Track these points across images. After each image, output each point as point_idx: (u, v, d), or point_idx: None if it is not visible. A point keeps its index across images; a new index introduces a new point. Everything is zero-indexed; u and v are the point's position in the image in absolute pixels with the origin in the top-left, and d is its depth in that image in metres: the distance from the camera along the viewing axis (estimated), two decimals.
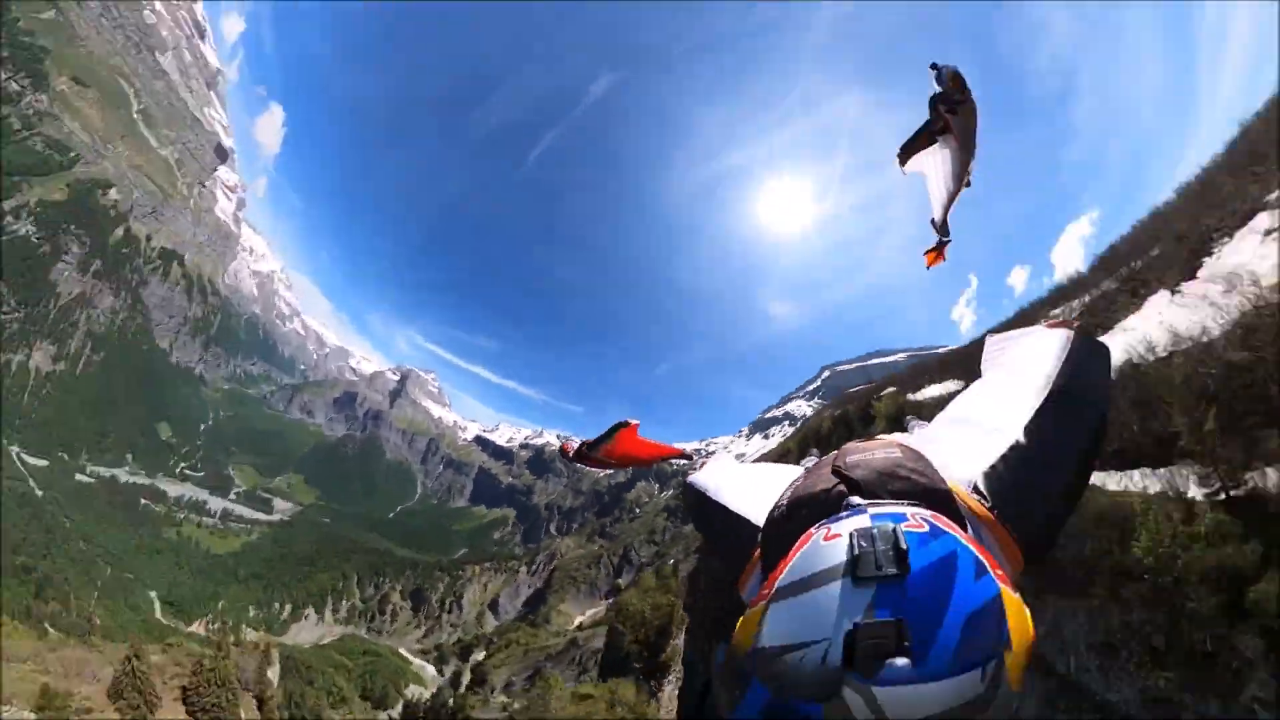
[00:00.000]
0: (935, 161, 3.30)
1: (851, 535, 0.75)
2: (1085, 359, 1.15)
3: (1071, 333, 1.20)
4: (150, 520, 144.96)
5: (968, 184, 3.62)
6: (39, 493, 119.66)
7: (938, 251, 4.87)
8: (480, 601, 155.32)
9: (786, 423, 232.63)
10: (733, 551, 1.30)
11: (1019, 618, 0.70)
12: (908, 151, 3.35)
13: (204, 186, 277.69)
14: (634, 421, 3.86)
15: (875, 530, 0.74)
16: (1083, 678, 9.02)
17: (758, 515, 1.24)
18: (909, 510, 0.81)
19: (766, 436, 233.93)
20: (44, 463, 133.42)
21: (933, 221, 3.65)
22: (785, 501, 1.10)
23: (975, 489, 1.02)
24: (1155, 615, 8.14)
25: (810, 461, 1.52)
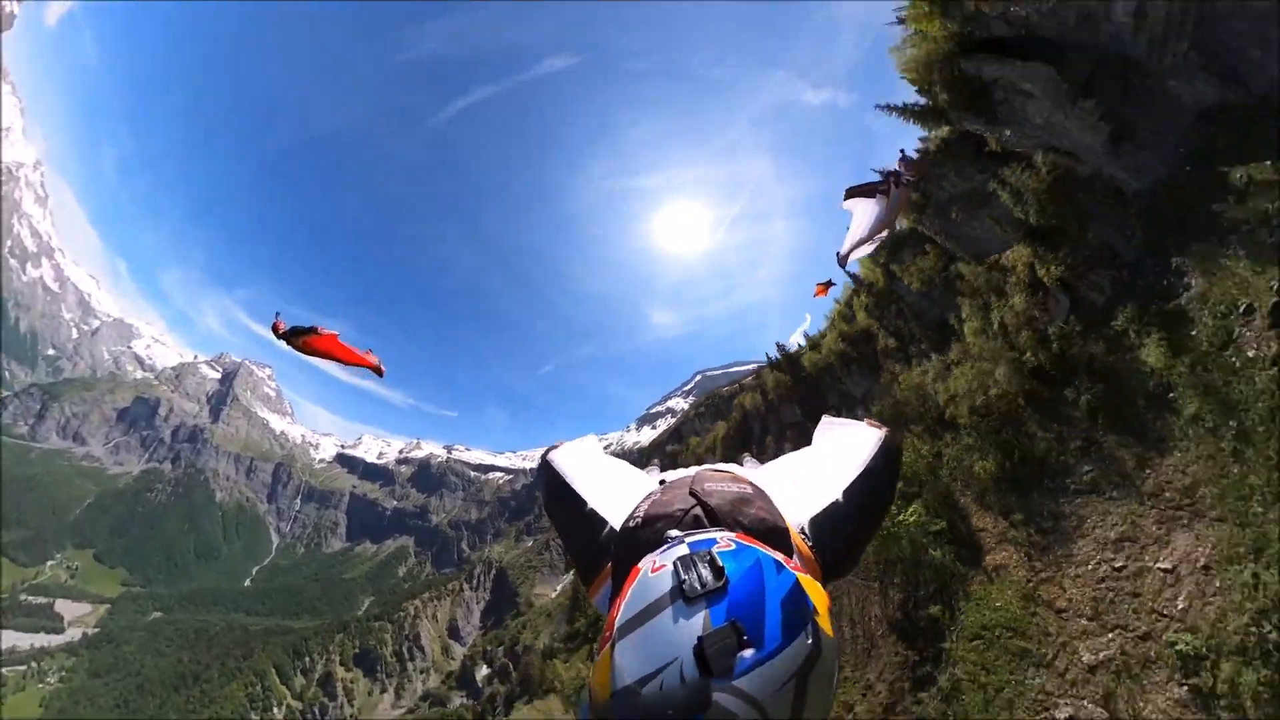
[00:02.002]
0: (863, 211, 5.25)
1: (674, 563, 0.86)
2: (889, 455, 1.58)
3: (884, 433, 1.64)
4: None
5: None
6: None
7: (824, 288, 10.71)
8: (438, 635, 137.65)
9: (669, 416, 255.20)
10: (583, 548, 1.40)
11: (814, 589, 0.89)
12: (852, 193, 5.31)
13: None
14: (329, 332, 4.66)
15: (694, 556, 0.87)
16: None
17: (613, 517, 1.36)
18: (718, 534, 0.96)
19: (654, 428, 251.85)
20: None
21: (838, 254, 5.67)
22: (641, 514, 1.24)
23: (802, 530, 1.29)
24: None
25: (654, 472, 1.72)
